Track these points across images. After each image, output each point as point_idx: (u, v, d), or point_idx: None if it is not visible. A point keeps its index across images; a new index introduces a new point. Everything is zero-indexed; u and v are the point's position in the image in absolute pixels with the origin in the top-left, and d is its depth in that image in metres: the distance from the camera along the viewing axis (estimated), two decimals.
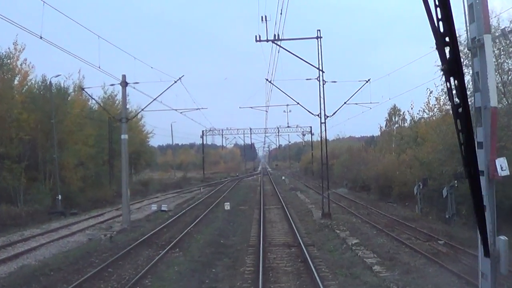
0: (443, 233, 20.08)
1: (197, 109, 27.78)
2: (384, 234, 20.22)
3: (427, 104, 28.35)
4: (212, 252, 17.65)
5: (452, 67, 2.42)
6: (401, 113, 63.51)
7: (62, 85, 41.09)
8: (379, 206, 31.23)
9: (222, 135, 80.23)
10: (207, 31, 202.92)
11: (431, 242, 18.18)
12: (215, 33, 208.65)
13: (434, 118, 28.48)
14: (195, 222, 25.00)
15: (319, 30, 25.57)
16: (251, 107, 27.96)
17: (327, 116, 25.40)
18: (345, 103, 26.16)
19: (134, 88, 25.09)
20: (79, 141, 42.06)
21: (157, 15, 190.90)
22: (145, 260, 16.39)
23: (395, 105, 60.84)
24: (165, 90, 24.85)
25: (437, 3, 2.30)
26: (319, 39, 25.37)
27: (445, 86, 3.21)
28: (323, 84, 25.18)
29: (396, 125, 64.33)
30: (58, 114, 38.19)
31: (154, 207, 32.35)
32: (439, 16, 2.32)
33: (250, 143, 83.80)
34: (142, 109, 26.16)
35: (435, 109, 28.23)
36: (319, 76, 25.21)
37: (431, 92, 27.78)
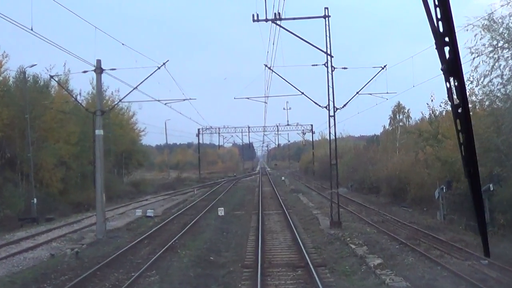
0: (481, 248, 16.38)
1: (184, 99, 24.02)
2: (409, 249, 16.57)
3: None
4: (197, 275, 14.02)
5: (451, 67, 2.36)
6: (406, 110, 60.68)
7: (40, 77, 37.43)
8: (393, 211, 27.61)
9: (218, 133, 76.51)
10: (201, 25, 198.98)
11: (472, 262, 14.57)
12: (208, 26, 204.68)
13: None
14: (182, 232, 21.35)
15: (327, 8, 21.93)
16: (248, 98, 24.17)
17: (337, 109, 21.76)
18: (357, 93, 22.51)
19: (111, 76, 21.43)
20: (60, 138, 38.41)
21: (147, 9, 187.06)
22: None
23: (399, 102, 57.86)
24: (147, 78, 21.18)
25: (436, 2, 2.29)
26: (327, 18, 21.73)
27: (445, 86, 2.46)
28: (332, 71, 21.55)
29: (400, 123, 61.46)
30: (36, 109, 34.61)
31: (138, 213, 28.68)
32: (439, 16, 2.31)
33: (248, 142, 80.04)
34: (120, 100, 22.67)
35: None
36: (327, 62, 21.58)
37: None
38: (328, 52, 21.43)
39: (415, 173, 29.66)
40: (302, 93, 22.76)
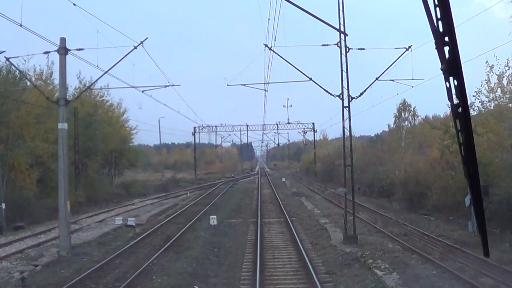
0: None
1: (166, 86, 20.16)
2: (452, 277, 12.77)
3: (486, 83, 20.82)
4: None
5: (451, 67, 2.37)
6: (412, 108, 58.04)
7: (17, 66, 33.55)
8: (413, 220, 23.80)
9: (215, 132, 72.75)
10: (198, 22, 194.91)
11: None
12: (205, 24, 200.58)
13: (497, 102, 20.99)
14: (164, 248, 17.56)
15: None
16: (244, 85, 20.27)
17: (352, 98, 17.92)
18: (377, 78, 18.65)
19: (78, 57, 17.59)
20: (37, 135, 34.59)
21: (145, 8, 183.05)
22: None
23: (404, 100, 54.85)
24: (121, 59, 17.36)
25: (436, 2, 2.30)
26: None
27: (445, 86, 2.40)
28: (346, 52, 17.73)
29: (406, 122, 58.84)
30: (8, 102, 30.89)
31: (118, 221, 24.85)
32: (439, 16, 2.31)
33: (247, 142, 76.03)
34: (88, 87, 18.94)
35: (498, 90, 20.73)
36: (340, 41, 17.75)
37: (491, 68, 20.27)
38: (342, 30, 17.64)
39: (437, 176, 25.85)
40: (310, 78, 18.95)
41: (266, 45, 18.79)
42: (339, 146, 68.76)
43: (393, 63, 17.92)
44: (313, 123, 74.13)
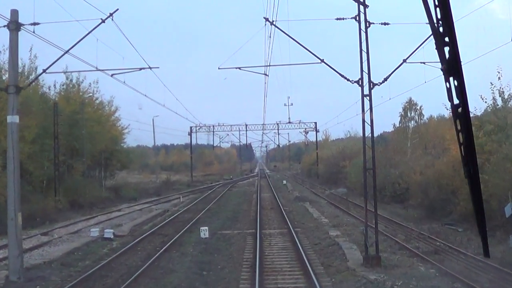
0: None
1: (141, 69, 16.62)
2: None
3: None
4: None
5: (451, 67, 2.36)
6: (418, 107, 55.50)
7: None
8: (438, 232, 20.35)
9: (213, 132, 69.43)
10: (196, 23, 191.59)
11: None
12: (204, 24, 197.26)
13: None
14: (140, 270, 14.09)
15: None
16: (239, 68, 16.72)
17: (374, 84, 14.47)
18: (404, 61, 15.19)
19: (35, 36, 14.11)
20: None
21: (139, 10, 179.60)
22: None
23: (410, 98, 52.16)
24: (85, 36, 13.88)
25: (436, 3, 2.29)
26: None
27: (445, 86, 2.39)
28: (367, 28, 14.25)
29: (412, 121, 56.25)
30: None
31: (94, 232, 21.38)
32: (439, 16, 2.30)
33: (246, 142, 72.56)
34: (45, 70, 15.09)
35: None
36: (358, 14, 14.29)
37: None
38: (361, 0, 14.18)
39: (463, 179, 22.35)
40: (322, 60, 15.42)
41: (266, 19, 15.28)
42: (343, 147, 65.47)
43: (424, 41, 14.44)
44: (315, 123, 71.15)
